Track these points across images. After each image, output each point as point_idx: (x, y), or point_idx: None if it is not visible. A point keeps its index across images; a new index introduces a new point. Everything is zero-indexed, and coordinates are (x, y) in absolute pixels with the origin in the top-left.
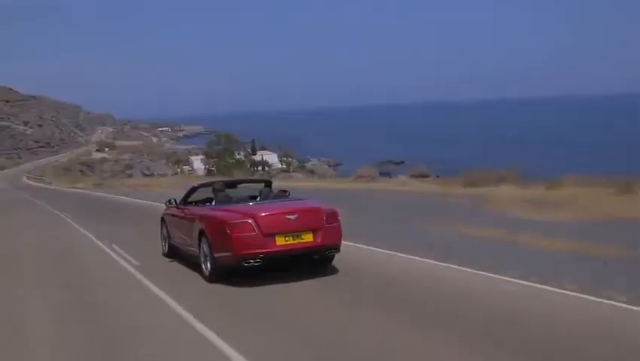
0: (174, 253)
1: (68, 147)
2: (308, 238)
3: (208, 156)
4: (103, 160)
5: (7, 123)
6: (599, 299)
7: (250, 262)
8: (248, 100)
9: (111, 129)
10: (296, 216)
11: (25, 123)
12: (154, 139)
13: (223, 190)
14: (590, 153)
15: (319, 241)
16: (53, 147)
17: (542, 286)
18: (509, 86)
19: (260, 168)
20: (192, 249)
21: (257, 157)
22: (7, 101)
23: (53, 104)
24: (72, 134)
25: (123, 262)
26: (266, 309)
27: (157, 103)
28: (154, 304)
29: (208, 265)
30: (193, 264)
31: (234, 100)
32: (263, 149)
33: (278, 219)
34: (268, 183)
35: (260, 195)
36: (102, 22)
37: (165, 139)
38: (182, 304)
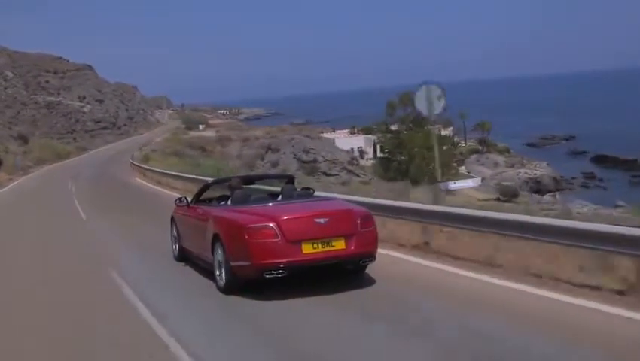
0: (186, 256)
1: (140, 127)
2: (340, 245)
3: (386, 128)
4: (224, 140)
5: (57, 99)
6: None
7: (272, 273)
8: (308, 82)
9: (170, 111)
10: (326, 219)
11: (81, 99)
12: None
13: (240, 187)
14: None
15: (353, 248)
16: (119, 128)
17: None
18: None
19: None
20: (205, 254)
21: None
22: (56, 73)
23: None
24: (141, 112)
25: None
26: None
27: (208, 88)
28: None
29: (223, 274)
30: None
31: (287, 84)
32: None
33: (305, 222)
34: (290, 180)
35: (281, 193)
36: (153, 5)
37: (232, 120)
38: None
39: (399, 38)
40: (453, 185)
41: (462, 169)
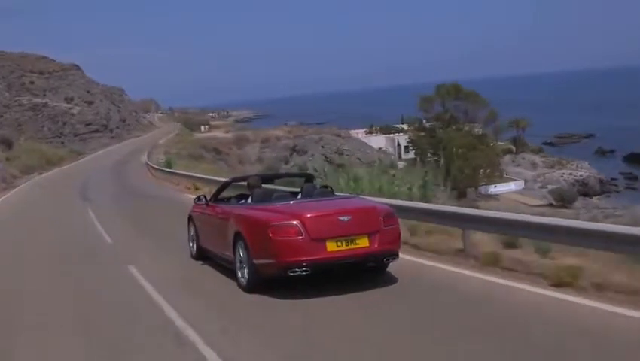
0: (204, 255)
1: (133, 130)
2: (363, 242)
3: (420, 126)
4: (241, 141)
5: (43, 100)
6: None
7: (296, 271)
8: (295, 84)
9: (160, 114)
10: (350, 217)
11: (69, 100)
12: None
13: (259, 185)
14: None
15: (376, 246)
16: (111, 131)
17: None
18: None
19: None
20: (226, 253)
21: None
22: (41, 73)
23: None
24: (134, 114)
25: None
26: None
27: (194, 91)
28: None
29: (246, 272)
30: None
31: (273, 87)
32: None
33: (329, 220)
34: (309, 178)
35: (301, 191)
36: (138, 8)
37: (229, 122)
38: None
39: (391, 39)
40: (494, 189)
41: None
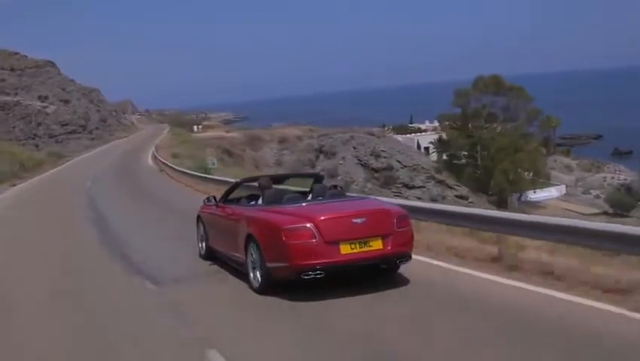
0: (213, 255)
1: (115, 130)
2: (377, 245)
3: (455, 124)
4: (254, 141)
5: (14, 99)
6: None
7: (309, 274)
8: (272, 86)
9: (138, 115)
10: (363, 219)
11: (43, 99)
12: None
13: (270, 187)
14: None
15: (390, 248)
16: (90, 132)
17: None
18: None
19: None
20: (236, 254)
21: None
22: (13, 70)
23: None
24: (114, 114)
25: None
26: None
27: (165, 95)
28: None
29: (258, 274)
30: None
31: (250, 89)
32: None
33: (343, 223)
34: (319, 178)
35: (311, 192)
36: (113, 9)
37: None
38: None
39: (391, 38)
40: (533, 195)
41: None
